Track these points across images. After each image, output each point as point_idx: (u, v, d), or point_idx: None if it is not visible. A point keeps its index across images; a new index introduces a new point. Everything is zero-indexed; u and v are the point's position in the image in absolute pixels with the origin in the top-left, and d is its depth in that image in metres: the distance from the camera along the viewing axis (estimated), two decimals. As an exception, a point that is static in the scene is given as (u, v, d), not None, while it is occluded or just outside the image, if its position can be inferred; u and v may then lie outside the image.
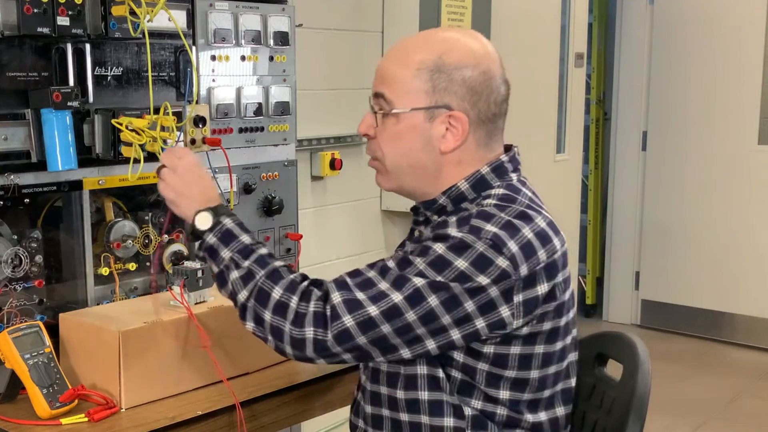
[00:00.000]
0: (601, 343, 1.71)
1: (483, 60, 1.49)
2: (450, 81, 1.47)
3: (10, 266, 1.82)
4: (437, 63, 1.47)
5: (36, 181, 1.84)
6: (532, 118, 4.34)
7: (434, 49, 1.48)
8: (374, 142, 1.54)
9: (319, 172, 3.14)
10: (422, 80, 1.47)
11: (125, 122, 1.85)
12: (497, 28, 3.87)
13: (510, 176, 1.53)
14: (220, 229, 1.53)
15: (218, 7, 2.14)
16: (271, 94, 2.28)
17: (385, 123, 1.50)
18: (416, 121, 1.48)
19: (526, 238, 1.40)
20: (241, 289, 1.48)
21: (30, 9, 1.73)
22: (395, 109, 1.49)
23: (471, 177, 1.51)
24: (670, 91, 5.25)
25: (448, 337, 1.40)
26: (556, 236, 1.47)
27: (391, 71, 1.50)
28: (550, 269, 1.44)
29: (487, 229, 1.39)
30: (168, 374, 1.75)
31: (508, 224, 1.41)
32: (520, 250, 1.39)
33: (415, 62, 1.47)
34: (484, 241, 1.38)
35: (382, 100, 1.50)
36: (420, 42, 1.52)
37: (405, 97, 1.48)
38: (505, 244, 1.38)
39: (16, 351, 1.64)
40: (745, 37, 4.98)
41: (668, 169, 5.31)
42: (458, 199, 1.51)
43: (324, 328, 1.40)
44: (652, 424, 1.80)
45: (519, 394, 1.48)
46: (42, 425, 1.61)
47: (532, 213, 1.45)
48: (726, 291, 5.15)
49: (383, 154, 1.53)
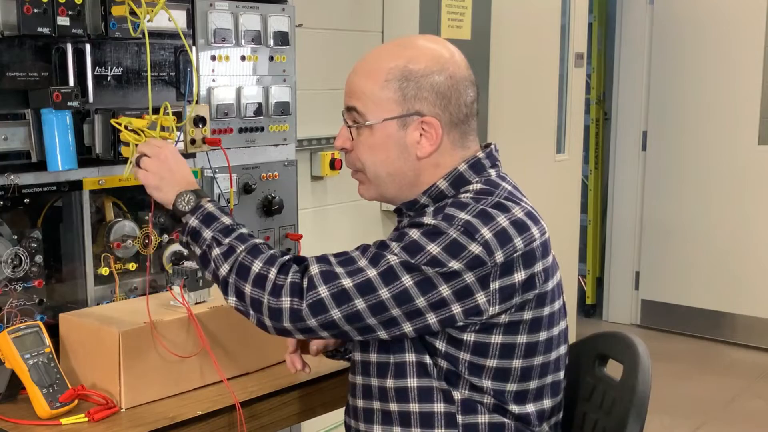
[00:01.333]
0: (601, 343, 1.71)
1: (448, 64, 1.52)
2: (419, 88, 1.49)
3: (10, 266, 1.82)
4: (404, 72, 1.49)
5: (36, 181, 1.84)
6: (532, 118, 4.34)
7: (400, 59, 1.50)
8: (352, 155, 1.58)
9: (319, 172, 3.14)
10: (391, 90, 1.50)
11: (125, 122, 1.85)
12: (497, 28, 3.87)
13: (488, 172, 1.55)
14: (201, 211, 1.56)
15: (218, 7, 2.14)
16: (271, 94, 2.28)
17: (361, 135, 1.54)
18: (390, 130, 1.51)
19: (501, 226, 1.42)
20: (222, 264, 1.51)
21: (30, 9, 1.73)
22: (368, 121, 1.52)
23: (449, 175, 1.54)
24: (670, 91, 5.25)
25: (425, 320, 1.43)
26: (535, 225, 1.48)
27: (360, 85, 1.53)
28: (528, 257, 1.45)
29: (460, 217, 1.42)
30: (168, 374, 1.75)
31: (482, 212, 1.43)
32: (494, 236, 1.41)
33: (382, 73, 1.50)
34: (456, 227, 1.41)
35: (355, 113, 1.53)
36: (385, 53, 1.55)
37: (376, 109, 1.51)
38: (478, 230, 1.41)
39: (16, 351, 1.64)
40: (745, 37, 4.98)
41: (668, 169, 5.31)
42: (438, 198, 1.54)
43: (300, 298, 1.43)
44: (652, 424, 1.80)
45: (502, 383, 1.49)
46: (42, 425, 1.61)
47: (510, 204, 1.47)
48: (726, 291, 5.15)
49: (363, 165, 1.57)
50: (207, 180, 2.14)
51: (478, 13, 3.72)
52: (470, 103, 1.54)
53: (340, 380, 1.92)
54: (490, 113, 3.89)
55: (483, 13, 3.75)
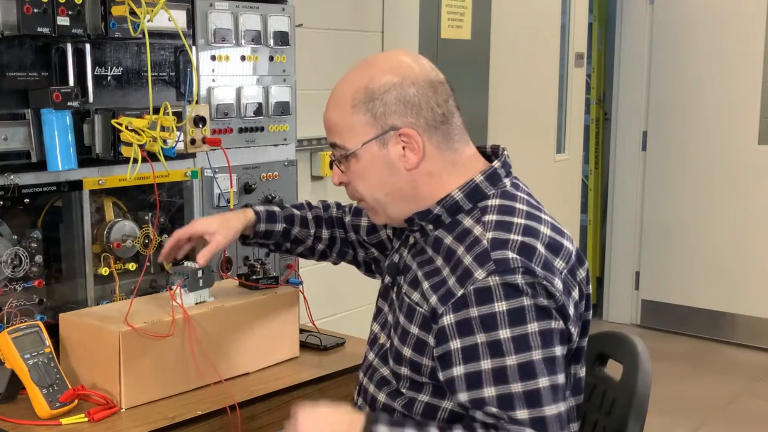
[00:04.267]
0: (601, 343, 1.71)
1: (408, 72, 1.51)
2: (385, 104, 1.49)
3: (10, 266, 1.82)
4: (367, 92, 1.50)
5: (36, 181, 1.84)
6: (532, 118, 4.35)
7: (361, 81, 1.51)
8: (350, 187, 1.59)
9: (319, 172, 3.14)
10: (360, 113, 1.50)
11: (125, 122, 1.85)
12: (497, 29, 3.87)
13: (503, 182, 1.54)
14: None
15: (218, 7, 2.14)
16: (271, 94, 2.28)
17: (350, 166, 1.55)
18: (372, 152, 1.51)
19: (543, 256, 1.41)
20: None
21: (30, 9, 1.73)
22: (350, 150, 1.52)
23: (465, 186, 1.52)
24: (670, 91, 5.25)
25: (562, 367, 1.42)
26: (563, 238, 1.48)
27: (333, 119, 1.55)
28: (573, 271, 1.47)
29: (511, 257, 1.39)
30: (168, 374, 1.75)
31: (522, 247, 1.41)
32: (543, 270, 1.40)
33: (347, 100, 1.51)
34: (525, 292, 1.37)
35: (337, 147, 1.55)
36: (347, 80, 1.55)
37: (352, 136, 1.52)
38: (535, 273, 1.38)
39: (16, 351, 1.64)
40: (745, 37, 4.98)
41: (668, 169, 5.31)
42: (453, 210, 1.52)
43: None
44: (652, 424, 1.80)
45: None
46: (42, 425, 1.61)
47: (534, 224, 1.46)
48: (726, 291, 5.15)
49: (362, 194, 1.58)
50: (207, 180, 2.14)
51: (478, 13, 3.72)
52: (444, 102, 1.52)
53: (342, 380, 1.92)
54: (490, 113, 3.89)
55: (483, 13, 3.75)
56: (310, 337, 2.10)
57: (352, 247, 1.91)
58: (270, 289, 1.97)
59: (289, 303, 1.99)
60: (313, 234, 1.89)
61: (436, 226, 1.53)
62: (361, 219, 1.89)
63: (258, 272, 2.00)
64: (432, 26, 3.51)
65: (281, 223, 1.86)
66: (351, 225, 1.90)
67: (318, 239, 1.90)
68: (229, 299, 1.89)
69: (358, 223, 1.89)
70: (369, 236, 1.87)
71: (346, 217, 1.92)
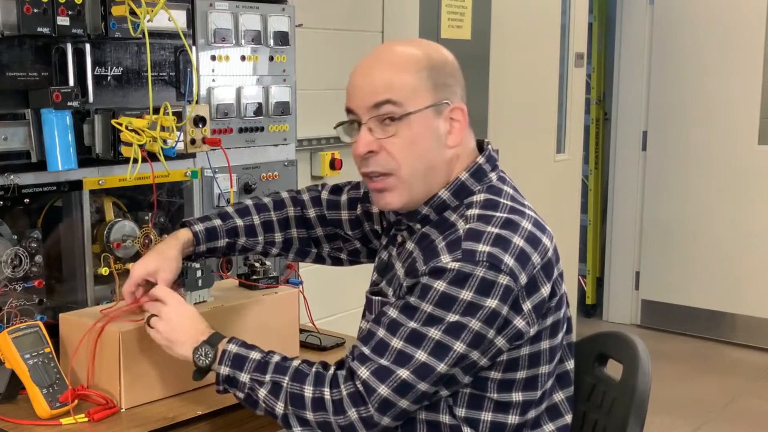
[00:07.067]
0: (601, 343, 1.71)
1: (450, 54, 1.56)
2: (446, 75, 1.51)
3: (10, 266, 1.82)
4: (430, 61, 1.50)
5: (36, 181, 1.84)
6: (532, 118, 4.35)
7: (417, 51, 1.51)
8: (382, 156, 1.49)
9: (319, 172, 3.14)
10: (423, 79, 1.48)
11: (125, 122, 1.85)
12: (497, 28, 3.87)
13: (489, 177, 1.54)
14: (227, 357, 1.52)
15: (218, 7, 2.14)
16: (271, 94, 2.28)
17: (399, 130, 1.47)
18: (427, 120, 1.48)
19: (519, 247, 1.41)
20: (274, 402, 1.47)
21: (30, 9, 1.73)
22: (410, 111, 1.47)
23: (452, 185, 1.52)
24: (670, 91, 5.25)
25: (475, 364, 1.43)
26: (543, 234, 1.48)
27: (392, 78, 1.48)
28: (547, 268, 1.45)
29: (480, 250, 1.39)
30: (168, 374, 1.75)
31: (498, 238, 1.41)
32: (516, 261, 1.40)
33: (412, 63, 1.49)
34: (481, 264, 1.38)
35: (390, 106, 1.47)
36: (400, 48, 1.54)
37: (415, 98, 1.47)
38: (501, 260, 1.39)
39: (16, 351, 1.64)
40: (745, 37, 4.98)
41: (668, 169, 5.31)
42: (440, 208, 1.52)
43: (364, 405, 1.41)
44: (652, 424, 1.80)
45: (532, 393, 1.49)
46: (42, 425, 1.61)
47: (516, 217, 1.46)
48: (726, 291, 5.15)
49: (398, 164, 1.49)
50: (207, 180, 2.14)
51: (478, 13, 3.72)
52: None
53: (340, 380, 1.92)
54: (490, 113, 3.89)
55: (483, 13, 3.75)
56: (310, 337, 2.10)
57: (314, 244, 1.85)
58: (270, 289, 1.97)
59: (289, 303, 1.99)
60: (262, 241, 1.81)
61: (423, 224, 1.54)
62: (340, 213, 1.81)
63: (258, 272, 2.00)
64: (432, 26, 3.51)
65: (224, 239, 1.78)
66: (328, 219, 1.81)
67: (271, 244, 1.83)
68: (229, 299, 1.89)
69: (338, 217, 1.81)
70: (353, 231, 1.82)
71: (309, 211, 1.82)
